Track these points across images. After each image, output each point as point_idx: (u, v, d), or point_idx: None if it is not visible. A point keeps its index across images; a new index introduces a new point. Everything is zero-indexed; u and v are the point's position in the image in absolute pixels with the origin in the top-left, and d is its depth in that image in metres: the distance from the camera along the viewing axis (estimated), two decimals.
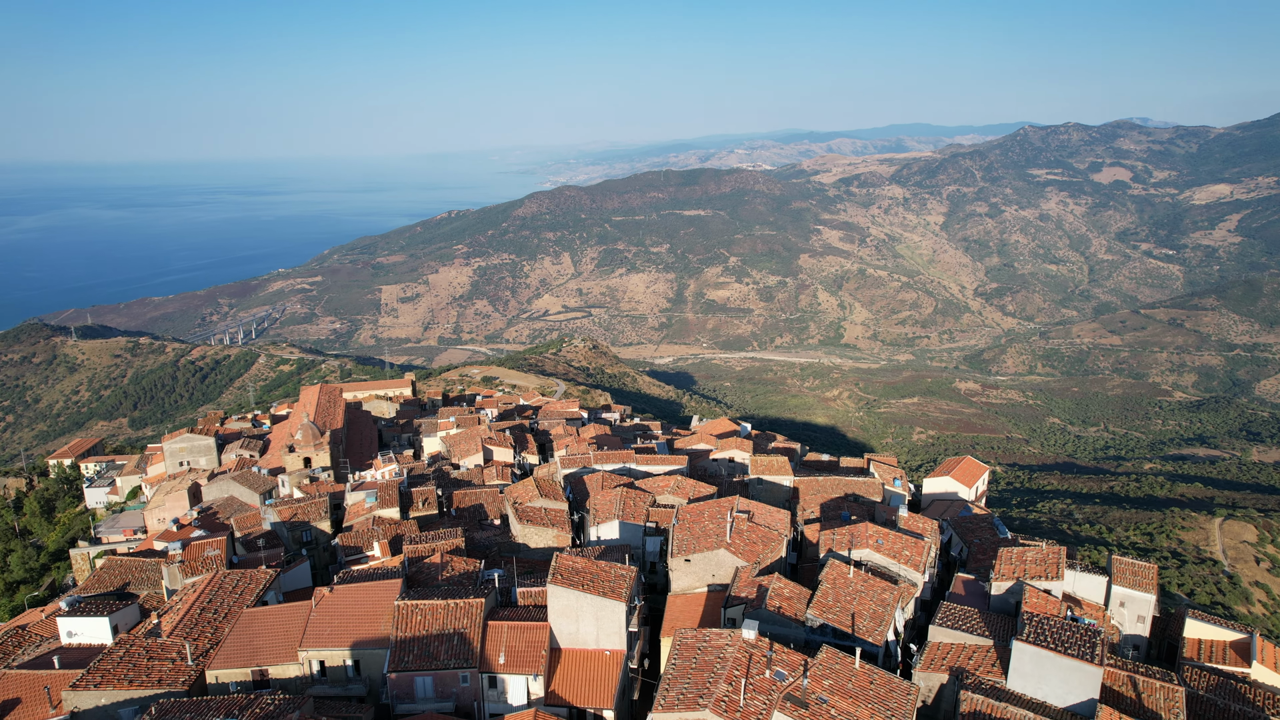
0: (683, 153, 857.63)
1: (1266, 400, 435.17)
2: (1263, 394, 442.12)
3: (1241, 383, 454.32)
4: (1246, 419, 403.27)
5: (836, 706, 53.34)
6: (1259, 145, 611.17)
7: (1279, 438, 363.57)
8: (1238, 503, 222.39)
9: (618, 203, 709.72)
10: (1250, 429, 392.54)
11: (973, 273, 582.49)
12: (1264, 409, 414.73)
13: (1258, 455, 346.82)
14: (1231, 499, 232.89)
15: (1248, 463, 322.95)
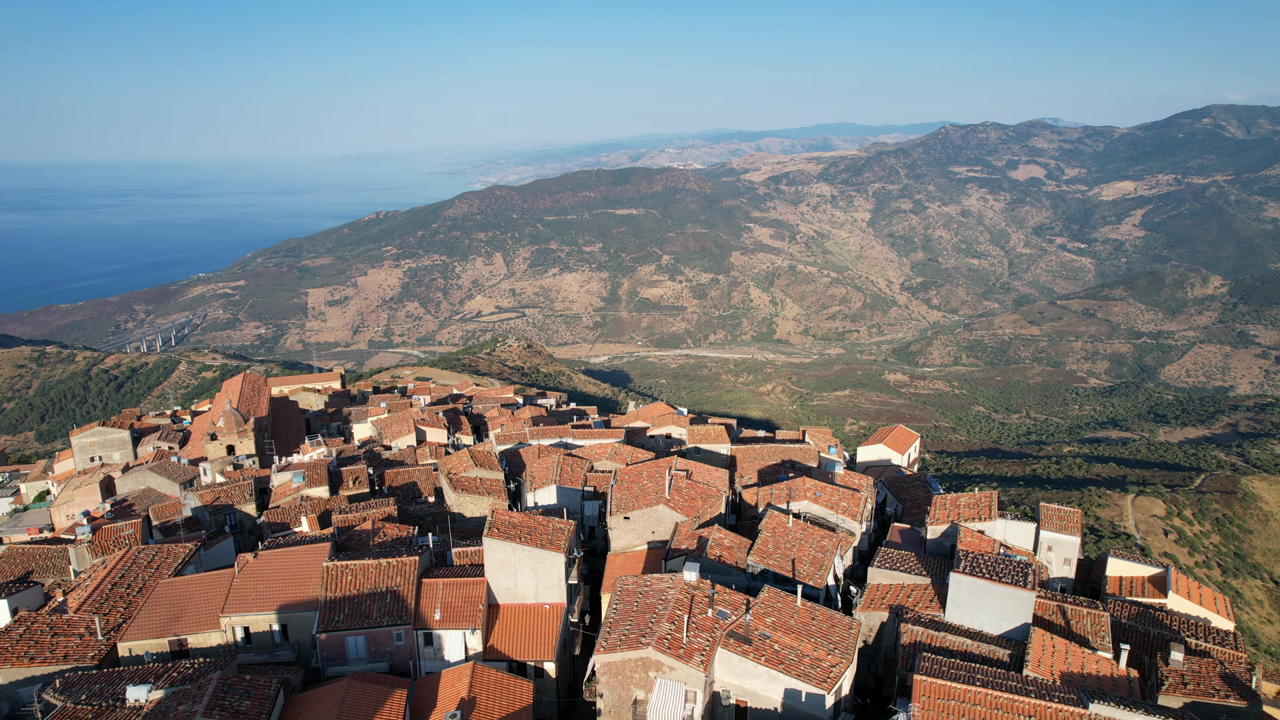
0: (614, 152, 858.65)
1: (1171, 385, 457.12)
2: (1167, 379, 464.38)
3: (1149, 368, 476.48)
4: (1154, 402, 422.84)
5: (780, 642, 53.32)
6: (1158, 145, 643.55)
7: (1182, 419, 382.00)
8: (1147, 480, 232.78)
9: (550, 202, 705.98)
10: (1157, 411, 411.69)
11: (899, 268, 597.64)
12: (1169, 393, 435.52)
13: (1164, 435, 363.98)
14: (1142, 477, 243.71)
15: (1155, 442, 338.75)
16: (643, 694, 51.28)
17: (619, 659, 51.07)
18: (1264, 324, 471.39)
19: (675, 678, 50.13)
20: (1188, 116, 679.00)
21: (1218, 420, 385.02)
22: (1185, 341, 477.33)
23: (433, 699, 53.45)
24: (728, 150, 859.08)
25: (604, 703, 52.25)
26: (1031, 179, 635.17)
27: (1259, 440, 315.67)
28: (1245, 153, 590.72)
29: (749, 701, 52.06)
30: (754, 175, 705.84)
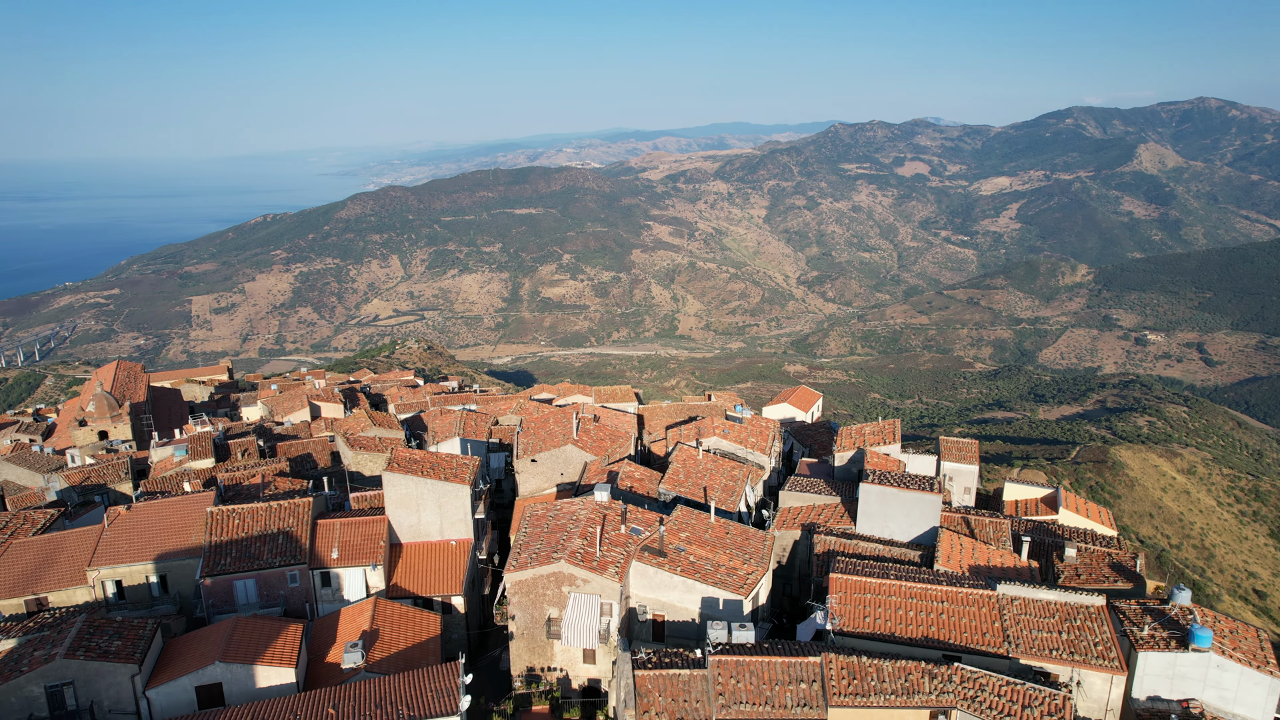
0: (511, 152, 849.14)
1: (1048, 367, 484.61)
2: (1044, 361, 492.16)
3: (1028, 352, 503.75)
4: (1033, 383, 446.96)
5: (695, 554, 52.52)
6: (1029, 143, 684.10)
7: (1059, 398, 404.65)
8: (1030, 455, 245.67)
9: (446, 203, 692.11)
10: (1036, 392, 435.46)
11: (795, 262, 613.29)
12: (1046, 374, 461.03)
13: (1043, 414, 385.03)
14: (1025, 452, 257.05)
15: (1036, 420, 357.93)
16: (556, 612, 49.60)
17: (530, 575, 49.23)
18: (1124, 308, 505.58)
19: (590, 591, 48.66)
20: (1053, 117, 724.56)
21: (1089, 398, 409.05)
22: (1059, 326, 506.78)
23: (332, 635, 50.34)
24: (625, 149, 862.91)
25: (516, 624, 50.28)
26: (917, 175, 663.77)
27: (1123, 414, 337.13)
28: (1103, 151, 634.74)
29: (666, 615, 51.06)
30: (652, 174, 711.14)
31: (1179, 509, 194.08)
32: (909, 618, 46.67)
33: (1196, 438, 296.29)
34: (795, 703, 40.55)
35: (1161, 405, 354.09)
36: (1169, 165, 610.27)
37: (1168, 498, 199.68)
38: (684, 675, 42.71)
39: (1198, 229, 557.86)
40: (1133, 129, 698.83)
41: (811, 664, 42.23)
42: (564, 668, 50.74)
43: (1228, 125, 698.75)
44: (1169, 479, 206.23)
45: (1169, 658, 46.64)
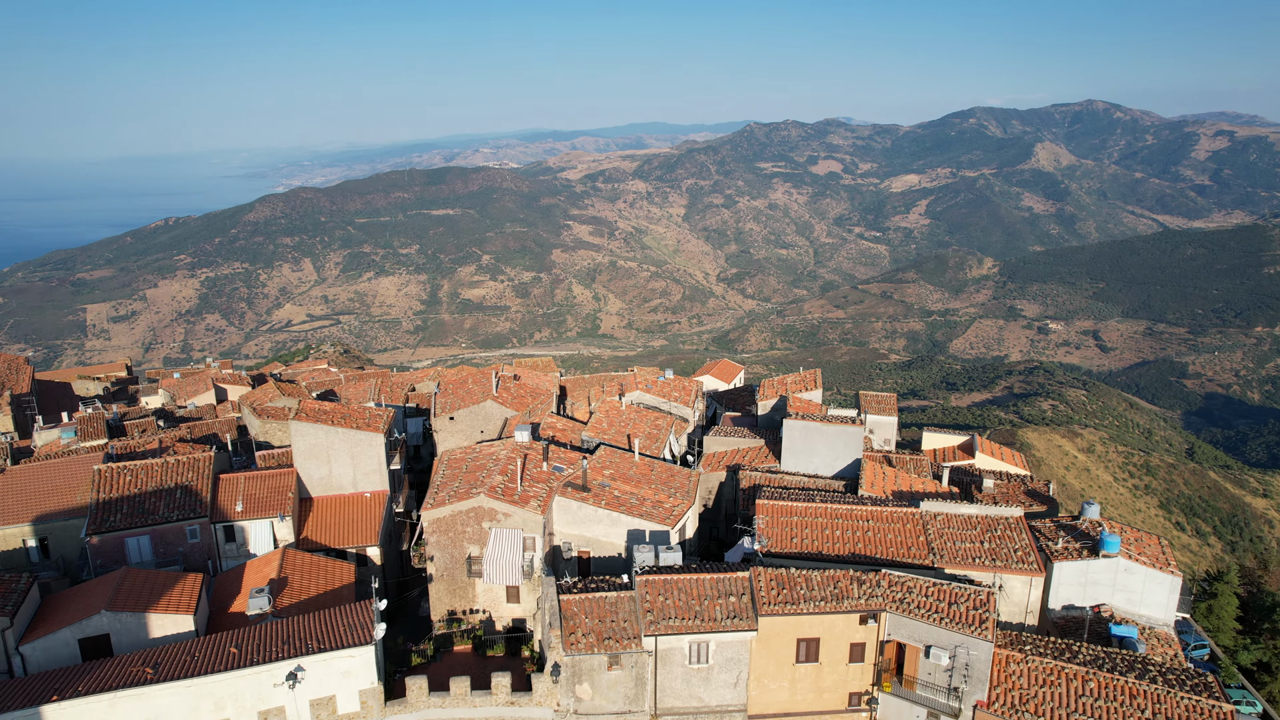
0: (426, 152, 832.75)
1: (958, 356, 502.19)
2: (955, 351, 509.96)
3: (939, 343, 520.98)
4: (945, 373, 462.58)
5: (619, 489, 51.36)
6: (935, 142, 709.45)
7: (969, 385, 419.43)
8: None
9: (361, 204, 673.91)
10: (949, 380, 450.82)
11: (714, 260, 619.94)
12: (957, 363, 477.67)
13: (955, 401, 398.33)
14: None
15: (949, 407, 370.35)
16: (477, 550, 47.67)
17: (448, 512, 47.19)
18: (1027, 299, 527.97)
19: (511, 525, 46.92)
20: (958, 116, 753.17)
21: (997, 384, 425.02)
22: (967, 317, 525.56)
23: (237, 587, 47.25)
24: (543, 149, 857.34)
25: (435, 565, 48.11)
26: (830, 173, 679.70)
27: (1029, 399, 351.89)
28: (1004, 149, 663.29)
29: (592, 551, 49.69)
30: (571, 174, 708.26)
31: (1080, 485, 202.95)
32: (835, 536, 46.54)
33: (1094, 419, 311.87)
34: (725, 615, 39.77)
35: (1063, 390, 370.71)
36: (1063, 163, 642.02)
37: (1070, 475, 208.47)
38: (611, 597, 41.51)
39: (1090, 223, 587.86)
40: (1030, 129, 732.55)
41: (740, 578, 41.57)
42: (487, 608, 48.81)
43: (1113, 126, 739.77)
44: (1071, 457, 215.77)
45: (1081, 565, 47.88)
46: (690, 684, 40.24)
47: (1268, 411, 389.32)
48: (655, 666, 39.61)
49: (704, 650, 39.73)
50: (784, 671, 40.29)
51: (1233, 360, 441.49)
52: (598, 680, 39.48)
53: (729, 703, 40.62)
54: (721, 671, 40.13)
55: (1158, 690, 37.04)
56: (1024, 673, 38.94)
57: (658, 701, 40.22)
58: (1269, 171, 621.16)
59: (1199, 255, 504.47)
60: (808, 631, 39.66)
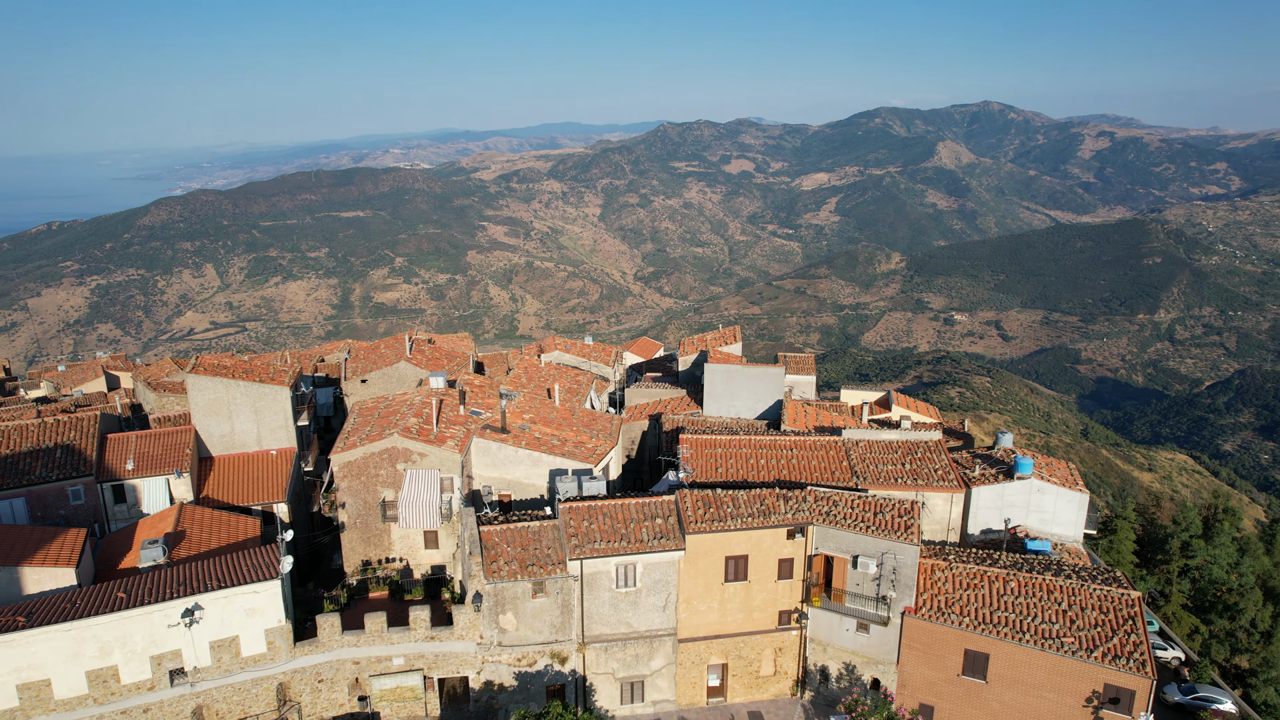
0: (334, 154, 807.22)
1: (870, 349, 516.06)
2: (867, 344, 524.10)
3: (852, 336, 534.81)
4: (859, 364, 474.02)
5: (540, 431, 49.95)
6: (844, 141, 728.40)
7: (882, 376, 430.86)
8: None
9: (265, 207, 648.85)
10: (862, 372, 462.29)
11: (631, 259, 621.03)
12: (869, 355, 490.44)
13: None
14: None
15: None
16: (391, 494, 45.47)
17: (360, 454, 44.88)
18: (933, 292, 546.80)
19: (428, 466, 44.92)
20: (864, 116, 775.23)
21: (908, 374, 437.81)
22: (878, 310, 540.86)
23: (128, 544, 43.77)
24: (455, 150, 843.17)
25: (347, 512, 45.68)
26: (743, 172, 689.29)
27: (938, 387, 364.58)
28: (908, 148, 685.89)
29: (513, 494, 48.08)
30: (484, 174, 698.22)
31: None
32: (760, 465, 46.24)
33: (999, 404, 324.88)
34: (651, 536, 38.86)
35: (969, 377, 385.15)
36: (964, 161, 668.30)
37: None
38: (534, 526, 40.10)
39: (990, 219, 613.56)
40: (932, 128, 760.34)
41: (666, 501, 40.75)
42: (404, 556, 46.62)
43: (1008, 126, 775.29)
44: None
45: (998, 488, 48.90)
46: (618, 609, 39.15)
47: (1150, 393, 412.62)
48: (581, 592, 38.37)
49: (631, 573, 38.70)
50: (713, 592, 39.63)
51: (1119, 346, 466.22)
52: (522, 609, 37.98)
53: (658, 627, 39.70)
54: (650, 595, 39.18)
55: (1073, 584, 37.91)
56: (949, 578, 39.33)
57: (585, 629, 38.97)
58: (1145, 170, 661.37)
59: (1088, 248, 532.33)
60: (736, 549, 39.11)
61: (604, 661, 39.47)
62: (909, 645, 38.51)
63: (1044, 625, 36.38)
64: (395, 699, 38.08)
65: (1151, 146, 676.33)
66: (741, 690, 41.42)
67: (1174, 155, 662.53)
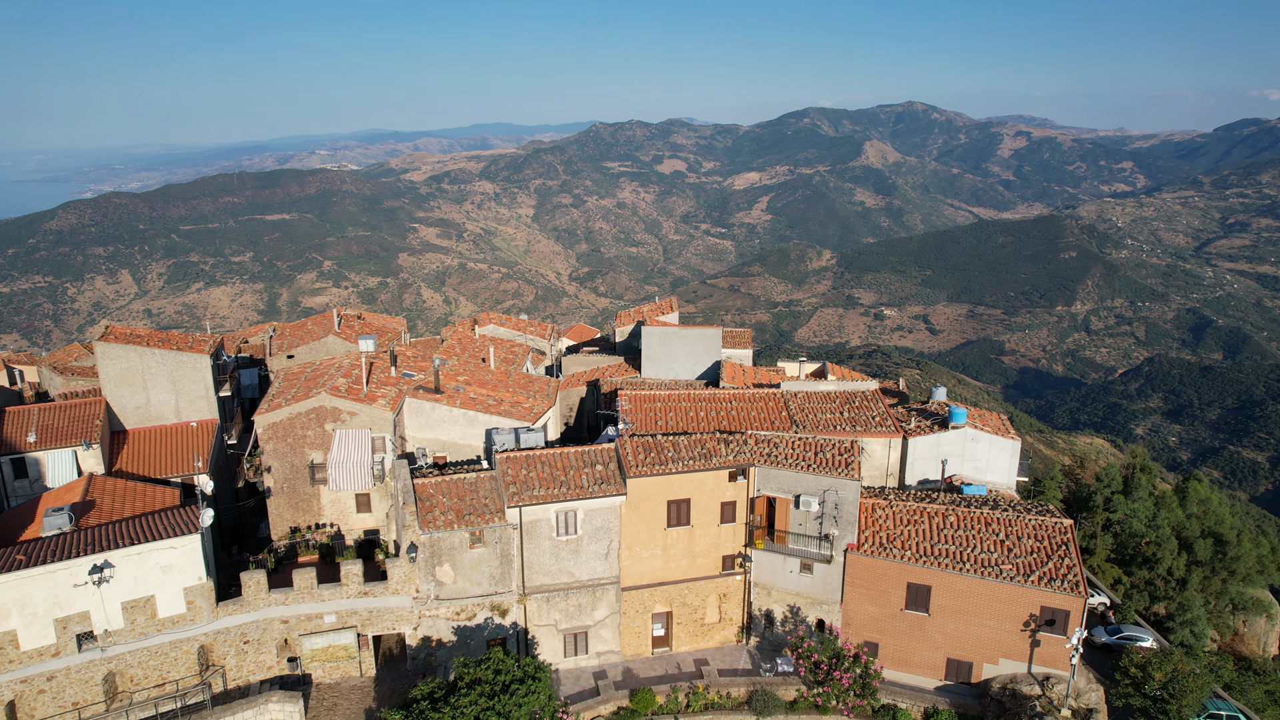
0: (257, 155, 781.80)
1: (803, 345, 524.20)
2: (800, 340, 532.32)
3: (785, 333, 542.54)
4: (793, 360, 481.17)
5: (475, 392, 48.68)
6: (774, 140, 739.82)
7: None
8: None
9: (185, 210, 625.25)
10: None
11: (566, 259, 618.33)
12: (802, 351, 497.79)
13: None
14: None
15: None
16: (320, 455, 43.57)
17: (286, 415, 42.91)
18: (864, 288, 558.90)
19: (358, 425, 43.20)
20: (793, 116, 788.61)
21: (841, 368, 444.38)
22: (810, 307, 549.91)
23: (30, 516, 40.86)
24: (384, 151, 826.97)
25: (273, 477, 43.64)
26: (675, 172, 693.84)
27: None
28: (836, 147, 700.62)
29: (448, 455, 46.58)
30: (415, 175, 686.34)
31: None
32: (700, 418, 45.89)
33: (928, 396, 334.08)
34: (592, 482, 38.05)
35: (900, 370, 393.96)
36: (890, 160, 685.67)
37: None
38: (470, 478, 38.91)
39: (916, 216, 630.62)
40: (859, 128, 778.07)
41: (606, 449, 40.02)
42: (335, 521, 44.73)
43: (931, 126, 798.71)
44: None
45: (934, 438, 49.55)
46: (560, 558, 38.21)
47: (1069, 381, 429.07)
48: (521, 541, 37.32)
49: (572, 520, 37.81)
50: (655, 538, 39.02)
51: (1040, 337, 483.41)
52: (460, 560, 36.71)
53: (601, 575, 38.88)
54: (591, 542, 38.35)
55: (1009, 516, 38.54)
56: (889, 515, 39.56)
57: (526, 580, 37.92)
58: (1059, 168, 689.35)
59: (1009, 243, 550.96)
60: (678, 493, 38.57)
61: (546, 613, 38.46)
62: (852, 583, 38.57)
63: (982, 555, 36.85)
64: (328, 659, 36.37)
65: (1065, 146, 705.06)
66: (687, 639, 40.91)
67: (1085, 154, 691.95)
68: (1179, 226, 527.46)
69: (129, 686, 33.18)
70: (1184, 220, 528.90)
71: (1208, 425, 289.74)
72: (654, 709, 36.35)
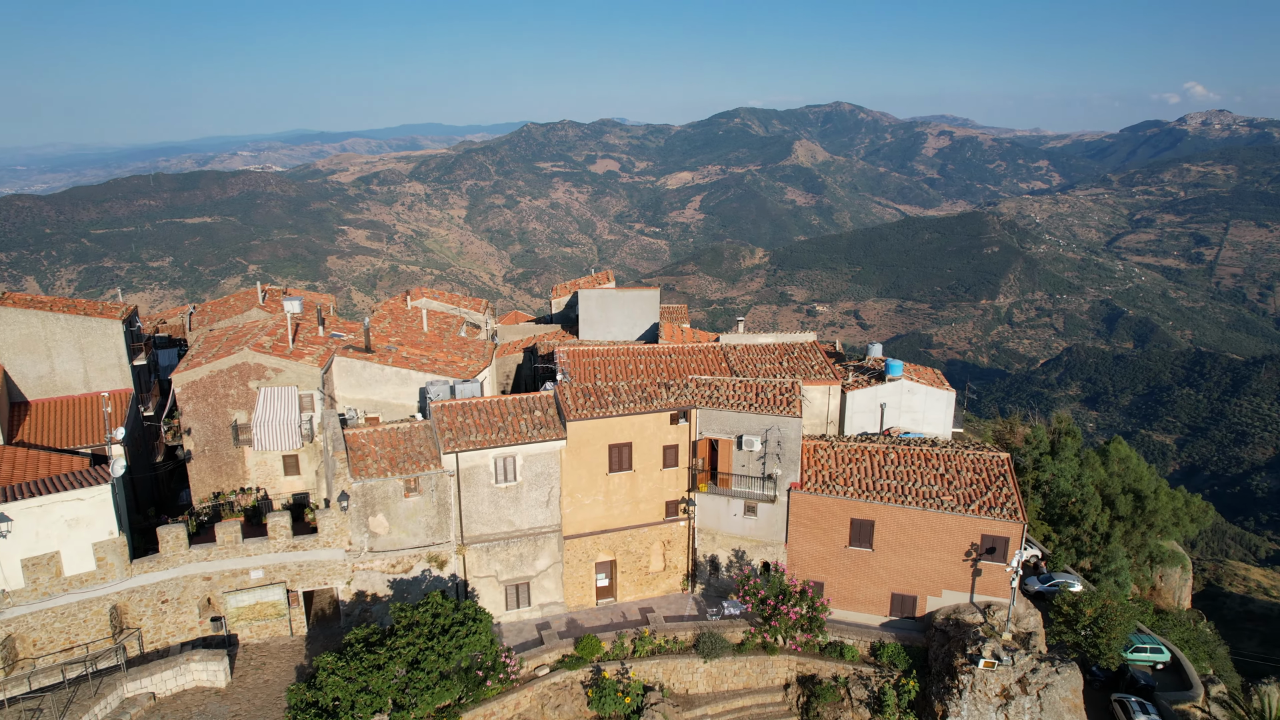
0: (175, 156, 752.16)
1: None
2: None
3: (721, 330, 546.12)
4: None
5: (408, 352, 47.15)
6: (706, 140, 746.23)
7: None
8: None
9: (97, 213, 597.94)
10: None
11: (500, 260, 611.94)
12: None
13: None
14: None
15: None
16: (244, 416, 41.50)
17: (206, 372, 40.75)
18: (796, 285, 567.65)
19: (284, 382, 41.27)
20: (724, 116, 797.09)
21: None
22: (745, 304, 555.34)
23: None
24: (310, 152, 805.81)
25: (194, 439, 41.40)
26: (609, 172, 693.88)
27: None
28: (767, 147, 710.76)
29: (381, 416, 44.97)
30: (342, 176, 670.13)
31: None
32: (640, 369, 45.26)
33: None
34: (531, 427, 37.06)
35: None
36: (819, 159, 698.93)
37: None
38: (404, 427, 37.52)
39: (845, 214, 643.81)
40: (788, 128, 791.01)
41: (544, 396, 39.08)
42: (261, 485, 42.64)
43: (859, 126, 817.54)
44: None
45: (871, 391, 49.95)
46: (499, 506, 37.08)
47: (994, 372, 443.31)
48: (458, 489, 36.07)
49: (511, 466, 36.74)
50: (597, 484, 38.21)
51: (966, 330, 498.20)
52: (394, 510, 35.28)
53: (542, 524, 37.89)
54: (531, 489, 37.33)
55: (948, 451, 38.97)
56: (831, 455, 39.58)
57: (465, 529, 36.67)
58: (980, 167, 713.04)
59: (934, 239, 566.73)
60: (619, 436, 37.86)
61: (486, 564, 37.27)
62: (796, 522, 38.45)
63: (924, 488, 37.13)
64: (255, 617, 34.50)
65: (985, 145, 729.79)
66: (632, 588, 40.19)
67: (1005, 153, 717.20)
68: (1092, 222, 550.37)
69: (31, 652, 30.80)
70: (1096, 216, 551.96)
71: (1121, 411, 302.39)
72: (600, 655, 35.52)
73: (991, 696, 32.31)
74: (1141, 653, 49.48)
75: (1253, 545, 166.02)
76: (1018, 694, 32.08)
